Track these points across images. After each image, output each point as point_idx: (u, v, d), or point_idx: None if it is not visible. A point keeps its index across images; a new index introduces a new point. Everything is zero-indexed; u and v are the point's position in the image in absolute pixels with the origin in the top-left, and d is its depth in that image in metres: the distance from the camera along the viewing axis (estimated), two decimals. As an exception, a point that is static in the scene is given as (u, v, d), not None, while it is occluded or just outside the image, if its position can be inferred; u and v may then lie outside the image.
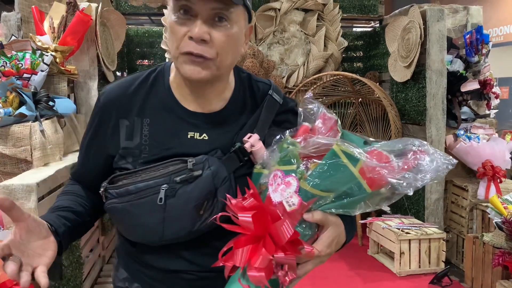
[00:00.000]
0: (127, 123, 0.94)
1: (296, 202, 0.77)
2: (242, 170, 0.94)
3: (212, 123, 0.95)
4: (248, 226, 0.78)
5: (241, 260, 0.78)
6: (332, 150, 0.78)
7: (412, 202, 3.52)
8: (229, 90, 0.99)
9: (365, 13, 4.41)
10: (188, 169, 0.88)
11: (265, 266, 0.76)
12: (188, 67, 0.87)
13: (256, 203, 0.80)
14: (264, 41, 4.19)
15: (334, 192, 0.79)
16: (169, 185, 0.87)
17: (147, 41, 4.43)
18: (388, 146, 0.83)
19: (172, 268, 0.95)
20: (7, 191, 1.67)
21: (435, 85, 3.24)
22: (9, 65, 2.17)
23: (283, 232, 0.75)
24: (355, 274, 3.10)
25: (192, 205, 0.87)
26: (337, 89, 4.27)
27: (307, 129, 0.89)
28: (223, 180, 0.90)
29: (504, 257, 2.31)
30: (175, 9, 0.86)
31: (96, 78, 2.76)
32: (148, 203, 0.87)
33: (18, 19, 2.58)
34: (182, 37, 0.86)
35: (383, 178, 0.78)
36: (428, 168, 0.79)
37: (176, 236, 0.89)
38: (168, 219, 0.87)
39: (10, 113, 2.00)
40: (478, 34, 3.35)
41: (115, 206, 0.90)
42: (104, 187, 0.93)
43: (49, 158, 2.10)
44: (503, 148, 3.16)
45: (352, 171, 0.77)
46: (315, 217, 0.80)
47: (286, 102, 1.04)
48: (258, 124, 0.98)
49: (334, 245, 0.84)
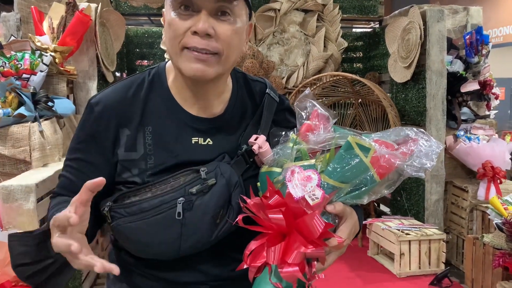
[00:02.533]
0: (128, 133, 0.89)
1: (319, 195, 0.78)
2: (248, 172, 0.93)
3: (215, 127, 0.93)
4: (280, 223, 0.79)
5: (274, 258, 0.79)
6: (347, 142, 0.81)
7: (412, 203, 3.52)
8: (228, 90, 0.97)
9: (365, 13, 4.40)
10: (202, 179, 0.85)
11: (299, 261, 0.77)
12: (191, 65, 0.84)
13: (280, 200, 0.80)
14: (264, 41, 4.18)
15: (349, 183, 0.82)
16: (186, 198, 0.83)
17: (146, 41, 4.42)
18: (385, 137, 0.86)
19: (183, 280, 0.92)
20: (6, 192, 1.66)
21: (435, 86, 3.24)
22: (8, 66, 2.16)
23: (314, 226, 0.76)
24: (355, 275, 3.09)
25: (209, 216, 0.85)
26: (337, 89, 4.26)
27: (309, 126, 0.90)
28: (235, 185, 0.88)
29: (504, 258, 2.31)
30: (174, 6, 0.84)
31: (95, 78, 2.75)
32: (164, 219, 0.83)
33: (17, 20, 2.58)
34: (184, 32, 0.83)
35: (393, 164, 0.81)
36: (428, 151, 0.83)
37: (193, 249, 0.87)
38: (186, 233, 0.84)
39: (9, 114, 1.99)
40: (478, 35, 3.35)
41: (127, 226, 0.84)
42: (108, 206, 0.86)
43: (48, 158, 2.10)
44: (503, 149, 3.16)
45: (365, 161, 0.80)
46: (337, 208, 0.82)
47: (282, 100, 1.04)
48: (262, 125, 0.97)
49: (352, 235, 0.86)
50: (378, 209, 4.45)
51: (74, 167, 0.92)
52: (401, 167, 0.82)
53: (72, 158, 0.92)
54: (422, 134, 0.85)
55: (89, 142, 0.90)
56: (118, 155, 0.89)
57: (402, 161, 0.82)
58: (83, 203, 0.72)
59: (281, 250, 0.79)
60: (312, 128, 0.89)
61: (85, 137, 0.91)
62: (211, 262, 0.92)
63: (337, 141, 0.84)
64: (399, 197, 3.71)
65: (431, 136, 0.86)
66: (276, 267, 0.79)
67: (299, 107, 0.93)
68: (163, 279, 0.93)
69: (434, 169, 3.25)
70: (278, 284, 0.79)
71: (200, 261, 0.91)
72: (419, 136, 0.85)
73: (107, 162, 0.90)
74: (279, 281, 0.79)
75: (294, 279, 0.78)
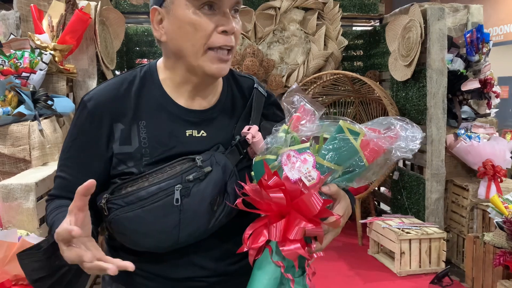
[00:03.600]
0: (122, 127, 0.90)
1: (315, 176, 0.81)
2: (242, 163, 0.94)
3: (208, 119, 0.95)
4: (280, 202, 0.81)
5: (276, 234, 0.81)
6: (339, 126, 0.84)
7: (412, 202, 3.52)
8: (219, 83, 1.00)
9: (365, 12, 4.40)
10: (198, 167, 0.87)
11: (300, 237, 0.80)
12: (215, 66, 0.88)
13: (278, 180, 0.82)
14: (264, 40, 4.17)
15: (342, 166, 0.85)
16: (183, 185, 0.85)
17: (146, 39, 4.41)
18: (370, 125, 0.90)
19: (181, 276, 0.92)
20: (6, 191, 1.66)
21: (436, 84, 3.23)
22: (8, 64, 2.16)
23: (313, 203, 0.79)
24: (355, 274, 3.09)
25: (207, 202, 0.86)
26: (337, 88, 4.26)
27: (299, 118, 0.93)
28: (230, 174, 0.90)
29: (505, 257, 2.31)
30: (196, 5, 0.85)
31: (95, 77, 2.74)
32: (162, 206, 0.84)
33: (17, 18, 2.57)
34: (211, 32, 0.86)
35: (382, 147, 0.85)
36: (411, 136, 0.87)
37: (191, 238, 0.87)
38: (184, 220, 0.85)
39: (8, 112, 1.99)
40: (479, 33, 3.34)
41: (125, 216, 0.84)
42: (106, 198, 0.87)
43: (47, 157, 2.09)
44: (503, 148, 3.15)
45: (355, 145, 0.83)
46: (331, 189, 0.84)
47: (269, 95, 1.07)
48: (253, 116, 0.99)
49: (346, 217, 0.88)
50: (378, 207, 4.45)
51: (69, 165, 0.93)
52: (389, 150, 0.86)
53: (67, 157, 0.93)
54: (403, 121, 0.89)
55: (83, 138, 0.91)
56: (113, 149, 0.90)
57: (389, 145, 0.86)
58: (80, 209, 0.73)
59: (282, 227, 0.81)
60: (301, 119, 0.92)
61: (78, 134, 0.92)
62: (208, 256, 0.93)
63: (328, 128, 0.88)
64: (400, 196, 3.71)
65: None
66: (277, 246, 0.82)
67: (287, 102, 0.95)
68: (160, 276, 0.93)
69: (434, 167, 3.25)
70: (280, 263, 0.81)
71: (197, 255, 0.92)
72: (402, 123, 0.89)
73: (101, 158, 0.90)
74: (281, 259, 0.81)
75: (295, 256, 0.80)
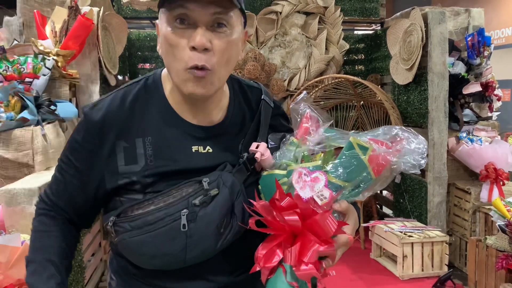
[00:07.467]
0: (125, 145, 0.87)
1: (327, 195, 0.81)
2: (249, 179, 0.93)
3: (214, 135, 0.93)
4: (295, 224, 0.81)
5: (291, 258, 0.81)
6: (349, 143, 0.85)
7: (414, 205, 3.51)
8: (225, 97, 0.97)
9: (366, 16, 4.41)
10: (204, 190, 0.85)
11: (315, 260, 0.80)
12: (191, 85, 0.83)
13: (292, 202, 0.82)
14: (266, 44, 4.19)
15: (351, 182, 0.85)
16: (189, 209, 0.83)
17: (148, 45, 4.43)
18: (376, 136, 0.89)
19: None
20: (9, 195, 1.67)
21: (437, 88, 3.23)
22: (11, 70, 2.17)
23: (328, 225, 0.79)
24: (357, 277, 3.09)
25: (214, 226, 0.85)
26: (338, 92, 4.27)
27: (306, 129, 0.93)
28: (238, 194, 0.88)
29: (507, 260, 2.30)
30: (169, 20, 0.82)
31: (97, 82, 2.75)
32: (169, 231, 0.83)
33: (20, 24, 2.59)
34: (183, 49, 0.81)
35: (389, 162, 0.85)
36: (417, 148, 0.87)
37: (199, 259, 0.87)
38: (190, 244, 0.84)
39: (12, 118, 2.00)
40: (480, 37, 3.35)
41: (132, 240, 0.84)
42: (112, 221, 0.86)
43: (51, 162, 2.10)
44: (505, 151, 3.15)
45: (364, 161, 0.83)
46: (342, 206, 0.84)
47: (276, 106, 1.05)
48: (260, 131, 0.97)
49: (354, 230, 0.88)
50: (380, 211, 4.44)
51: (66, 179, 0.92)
52: (395, 164, 0.86)
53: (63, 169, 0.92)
54: (409, 132, 0.89)
55: (87, 152, 0.89)
56: (118, 169, 0.87)
57: (396, 158, 0.86)
58: None
59: (297, 250, 0.81)
60: (309, 130, 0.92)
61: (79, 146, 0.90)
62: (215, 269, 0.92)
63: (335, 142, 0.88)
64: (402, 199, 3.71)
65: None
66: (290, 267, 0.82)
67: (294, 111, 0.95)
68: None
69: (436, 171, 3.25)
70: (294, 283, 0.82)
71: (204, 268, 0.90)
72: (407, 134, 0.88)
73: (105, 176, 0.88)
74: (294, 279, 0.82)
75: (309, 277, 0.81)
